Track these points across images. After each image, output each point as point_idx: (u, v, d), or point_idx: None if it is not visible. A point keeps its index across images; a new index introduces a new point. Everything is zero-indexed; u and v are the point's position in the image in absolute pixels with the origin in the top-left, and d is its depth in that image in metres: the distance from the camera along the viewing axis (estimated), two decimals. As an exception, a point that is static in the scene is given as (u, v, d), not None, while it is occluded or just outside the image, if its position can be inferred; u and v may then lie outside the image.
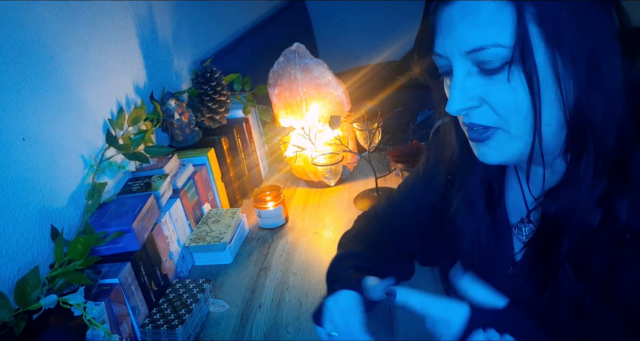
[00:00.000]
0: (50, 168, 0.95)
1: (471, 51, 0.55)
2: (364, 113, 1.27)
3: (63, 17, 1.01)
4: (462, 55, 0.56)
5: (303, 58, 1.36)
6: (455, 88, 0.57)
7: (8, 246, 0.85)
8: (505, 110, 0.56)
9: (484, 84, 0.56)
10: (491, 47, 0.54)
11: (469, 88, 0.57)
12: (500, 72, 0.55)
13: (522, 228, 0.71)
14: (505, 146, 0.59)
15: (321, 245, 1.21)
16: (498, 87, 0.56)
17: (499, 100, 0.56)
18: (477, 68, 0.56)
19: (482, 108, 0.58)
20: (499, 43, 0.53)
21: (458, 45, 0.56)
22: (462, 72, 0.57)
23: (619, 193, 0.56)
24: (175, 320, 0.95)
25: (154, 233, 1.04)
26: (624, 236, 0.56)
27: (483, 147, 0.61)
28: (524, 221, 0.70)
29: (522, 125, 0.57)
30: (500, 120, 0.57)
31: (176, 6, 1.49)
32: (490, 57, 0.54)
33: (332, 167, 1.32)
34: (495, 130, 0.58)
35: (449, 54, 0.57)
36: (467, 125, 0.60)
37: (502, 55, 0.54)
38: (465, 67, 0.57)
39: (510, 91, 0.55)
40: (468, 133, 0.62)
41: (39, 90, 0.94)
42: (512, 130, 0.58)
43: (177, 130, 1.30)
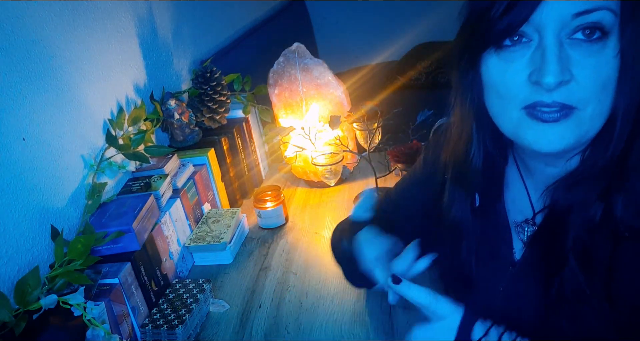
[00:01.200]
0: (50, 168, 0.95)
1: (581, 13, 0.51)
2: (364, 113, 1.27)
3: (63, 17, 1.01)
4: (563, 19, 0.52)
5: (303, 58, 1.36)
6: (553, 56, 0.52)
7: (8, 246, 0.85)
8: (594, 85, 0.53)
9: (577, 56, 0.53)
10: (601, 10, 0.51)
11: (564, 59, 0.53)
12: (596, 42, 0.52)
13: (525, 228, 0.70)
14: (578, 128, 0.55)
15: (321, 245, 1.21)
16: (591, 59, 0.53)
17: (589, 74, 0.53)
18: (568, 40, 0.53)
19: (570, 84, 0.54)
20: (609, 6, 0.51)
21: (566, 7, 0.52)
22: (555, 40, 0.53)
23: (615, 188, 0.56)
24: (175, 320, 0.95)
25: (154, 233, 1.04)
26: (623, 233, 0.56)
27: (551, 130, 0.55)
28: (528, 222, 0.70)
29: (602, 105, 0.54)
30: (582, 98, 0.54)
31: (176, 6, 1.49)
32: (597, 19, 0.51)
33: (332, 167, 1.32)
34: (575, 111, 0.54)
35: (547, 19, 0.52)
36: (544, 103, 0.55)
37: (608, 20, 0.51)
38: (559, 36, 0.53)
39: (605, 64, 0.52)
40: (538, 115, 0.56)
41: (39, 90, 0.94)
42: (590, 111, 0.54)
43: (177, 130, 1.30)
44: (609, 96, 0.54)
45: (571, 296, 0.60)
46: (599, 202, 0.57)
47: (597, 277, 0.58)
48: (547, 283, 0.63)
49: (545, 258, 0.64)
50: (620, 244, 0.57)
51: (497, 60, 0.57)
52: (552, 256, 0.62)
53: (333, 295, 1.03)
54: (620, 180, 0.56)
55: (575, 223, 0.59)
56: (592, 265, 0.59)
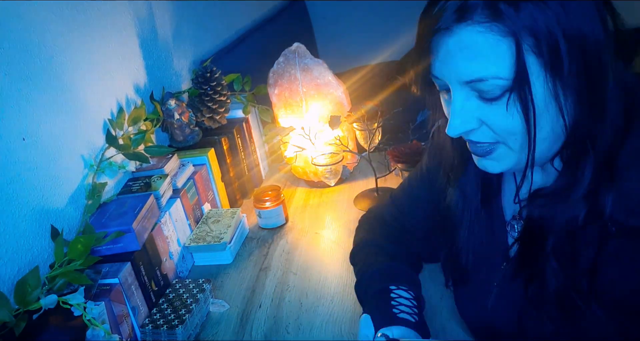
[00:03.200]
0: (50, 168, 0.95)
1: (470, 81, 0.56)
2: (364, 113, 1.27)
3: (63, 17, 1.01)
4: (460, 83, 0.57)
5: (303, 58, 1.36)
6: (454, 112, 0.58)
7: (8, 246, 0.85)
8: (503, 131, 0.58)
9: (483, 107, 0.57)
10: (490, 79, 0.54)
11: (468, 111, 0.58)
12: (499, 99, 0.56)
13: (515, 225, 0.71)
14: (505, 159, 0.61)
15: (321, 245, 1.21)
16: (496, 111, 0.57)
17: (497, 123, 0.58)
18: (476, 93, 0.57)
19: (481, 128, 0.59)
20: (498, 75, 0.54)
21: (456, 75, 0.56)
22: (460, 97, 0.58)
23: (605, 188, 0.57)
24: (175, 320, 0.95)
25: (154, 233, 1.04)
26: (610, 230, 0.56)
27: (484, 160, 0.63)
28: (516, 218, 0.71)
29: (520, 141, 0.58)
30: (499, 138, 0.59)
31: (176, 6, 1.49)
32: (489, 87, 0.55)
33: (332, 167, 1.32)
34: (496, 144, 0.60)
35: (447, 79, 0.58)
36: (468, 141, 0.62)
37: (502, 86, 0.54)
38: (464, 92, 0.57)
39: (509, 116, 0.56)
40: (470, 147, 0.63)
41: (39, 90, 0.94)
42: (512, 146, 0.59)
43: (177, 130, 1.30)
44: (524, 134, 0.57)
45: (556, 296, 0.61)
46: (583, 203, 0.58)
47: (581, 276, 0.59)
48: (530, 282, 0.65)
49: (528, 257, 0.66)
50: (607, 242, 0.57)
51: (443, 98, 0.64)
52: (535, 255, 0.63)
53: (333, 295, 1.03)
54: (609, 180, 0.57)
55: (556, 226, 0.61)
56: (575, 264, 0.60)
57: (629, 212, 0.56)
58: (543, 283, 0.62)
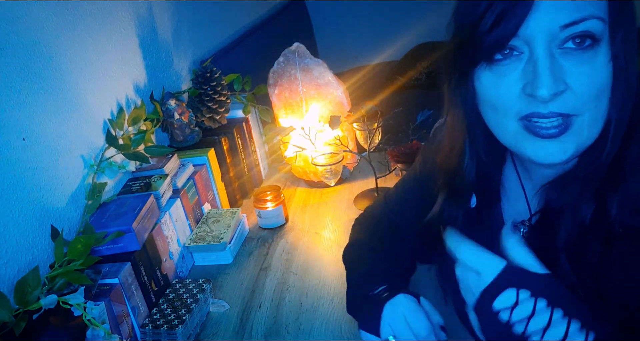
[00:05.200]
0: (50, 168, 0.95)
1: (569, 24, 0.51)
2: (364, 113, 1.27)
3: (63, 17, 1.02)
4: (551, 32, 0.52)
5: (303, 58, 1.36)
6: (545, 69, 0.52)
7: (8, 246, 0.85)
8: (589, 92, 0.53)
9: (569, 65, 0.53)
10: (590, 19, 0.51)
11: (557, 70, 0.53)
12: (587, 50, 0.52)
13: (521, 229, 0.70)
14: (580, 136, 0.55)
15: (321, 245, 1.21)
16: (584, 67, 0.53)
17: (584, 82, 0.53)
18: (559, 50, 0.53)
19: (565, 94, 0.54)
20: (598, 15, 0.51)
21: (554, 19, 0.52)
22: (546, 52, 0.53)
23: (611, 187, 0.56)
24: (175, 320, 0.95)
25: (154, 233, 1.04)
26: (616, 230, 0.56)
27: (551, 144, 0.56)
28: (524, 223, 0.70)
29: (598, 111, 0.54)
30: (579, 106, 0.54)
31: (176, 6, 1.49)
32: (586, 29, 0.51)
33: (332, 167, 1.32)
34: (573, 118, 0.54)
35: (537, 31, 0.52)
36: (541, 115, 0.55)
37: (598, 29, 0.51)
38: (549, 47, 0.53)
39: (598, 71, 0.53)
40: (536, 130, 0.56)
41: (39, 90, 0.94)
42: (587, 118, 0.54)
43: (177, 130, 1.30)
44: (605, 102, 0.54)
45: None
46: (590, 203, 0.57)
47: (589, 277, 0.58)
48: None
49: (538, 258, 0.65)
50: (613, 243, 0.57)
51: (489, 74, 0.57)
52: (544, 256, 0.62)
53: (333, 295, 1.03)
54: (615, 181, 0.56)
55: (567, 224, 0.59)
56: (583, 264, 0.59)
57: (634, 213, 0.55)
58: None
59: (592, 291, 0.58)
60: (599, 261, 0.58)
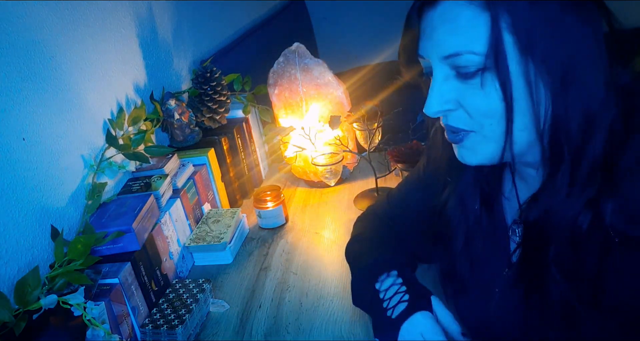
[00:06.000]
0: (51, 169, 0.95)
1: (448, 56, 0.57)
2: (364, 113, 1.27)
3: (63, 17, 1.02)
4: (440, 59, 0.58)
5: (303, 58, 1.36)
6: (433, 90, 0.59)
7: (8, 246, 0.85)
8: (478, 114, 0.58)
9: (461, 88, 0.58)
10: (465, 54, 0.55)
11: (446, 91, 0.59)
12: (474, 77, 0.56)
13: (516, 229, 0.70)
14: (479, 148, 0.61)
15: (321, 245, 1.21)
16: (472, 91, 0.57)
17: (473, 104, 0.58)
18: (454, 72, 0.58)
19: (458, 111, 0.59)
20: (472, 50, 0.55)
21: (437, 50, 0.58)
22: (440, 76, 0.59)
23: (605, 195, 0.56)
24: (175, 320, 0.95)
25: (154, 233, 1.04)
26: (613, 240, 0.55)
27: (459, 148, 0.63)
28: (516, 222, 0.70)
29: (495, 128, 0.58)
30: (474, 124, 0.59)
31: (176, 6, 1.49)
32: (465, 62, 0.56)
33: (332, 167, 1.32)
34: (467, 133, 0.60)
35: (430, 57, 0.59)
36: (445, 126, 0.63)
37: (476, 62, 0.55)
38: (444, 71, 0.58)
39: (484, 96, 0.56)
40: (447, 136, 0.64)
41: (39, 90, 0.94)
42: (486, 133, 0.59)
43: (177, 130, 1.30)
44: (500, 122, 0.57)
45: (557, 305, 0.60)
46: (587, 211, 0.57)
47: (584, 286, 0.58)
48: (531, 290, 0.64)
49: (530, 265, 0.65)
50: (610, 251, 0.56)
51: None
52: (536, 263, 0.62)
53: (333, 295, 1.03)
54: (609, 186, 0.56)
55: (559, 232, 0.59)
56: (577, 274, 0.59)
57: (629, 221, 0.54)
58: (545, 291, 0.61)
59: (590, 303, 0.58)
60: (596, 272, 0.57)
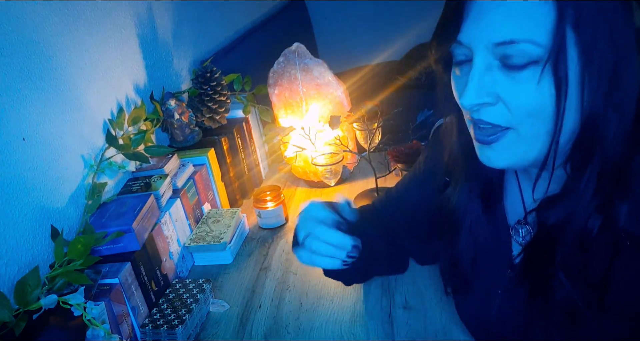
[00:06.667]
0: (50, 168, 0.95)
1: (501, 43, 0.51)
2: (364, 113, 1.27)
3: (63, 17, 1.01)
4: (487, 46, 0.53)
5: (303, 58, 1.36)
6: (473, 80, 0.54)
7: (8, 246, 0.85)
8: (522, 110, 0.53)
9: (504, 80, 0.53)
10: (523, 42, 0.50)
11: (488, 82, 0.54)
12: (523, 70, 0.52)
13: (519, 230, 0.70)
14: (514, 148, 0.57)
15: (321, 245, 1.21)
16: (519, 86, 0.53)
17: (518, 100, 0.53)
18: (499, 62, 0.53)
19: (496, 106, 0.55)
20: (533, 39, 0.50)
21: (487, 35, 0.52)
22: (483, 64, 0.54)
23: (619, 198, 0.55)
24: (175, 320, 0.95)
25: (154, 233, 1.04)
26: (624, 243, 0.55)
27: (489, 150, 0.58)
28: (520, 222, 0.70)
29: (536, 128, 0.54)
30: (513, 120, 0.55)
31: (176, 6, 1.49)
32: (519, 52, 0.51)
33: (332, 167, 1.32)
34: (505, 131, 0.56)
35: (473, 43, 0.54)
36: (476, 121, 0.57)
37: (533, 54, 0.51)
38: (488, 59, 0.53)
39: (535, 92, 0.52)
40: (475, 134, 0.59)
41: (39, 90, 0.94)
42: (523, 132, 0.55)
43: (177, 130, 1.30)
44: (547, 122, 0.54)
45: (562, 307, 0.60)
46: (597, 215, 0.56)
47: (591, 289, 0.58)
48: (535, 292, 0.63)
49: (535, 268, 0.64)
50: (620, 254, 0.56)
51: (455, 74, 0.60)
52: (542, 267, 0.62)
53: (333, 295, 1.03)
54: (624, 190, 0.55)
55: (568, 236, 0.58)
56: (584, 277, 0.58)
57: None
58: (549, 293, 0.61)
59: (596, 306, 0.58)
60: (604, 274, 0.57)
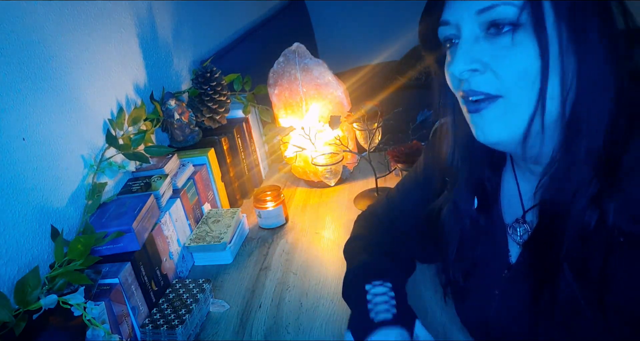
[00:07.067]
0: (50, 168, 0.95)
1: (483, 9, 0.55)
2: (364, 113, 1.27)
3: (63, 17, 1.02)
4: (471, 16, 0.56)
5: (303, 58, 1.36)
6: (461, 49, 0.57)
7: (8, 246, 0.85)
8: (510, 75, 0.56)
9: (491, 49, 0.56)
10: (501, 5, 0.54)
11: (476, 51, 0.57)
12: (506, 35, 0.55)
13: (517, 229, 0.70)
14: (505, 116, 0.58)
15: (321, 245, 1.21)
16: (504, 51, 0.55)
17: (505, 65, 0.56)
18: (484, 33, 0.56)
19: (485, 74, 0.57)
20: (509, 2, 0.54)
21: (469, 5, 0.56)
22: (469, 35, 0.57)
23: (607, 195, 0.55)
24: (175, 320, 0.95)
25: (154, 233, 1.04)
26: (617, 239, 0.55)
27: (481, 121, 0.59)
28: (519, 221, 0.70)
29: (525, 92, 0.56)
30: (502, 87, 0.57)
31: (176, 6, 1.49)
32: (499, 14, 0.54)
33: (332, 167, 1.32)
34: (494, 99, 0.57)
35: (459, 16, 0.57)
36: (466, 92, 0.59)
37: (511, 14, 0.54)
38: (474, 30, 0.57)
39: (518, 55, 0.55)
40: (466, 106, 0.61)
41: (39, 90, 0.94)
42: (514, 98, 0.57)
43: (177, 130, 1.30)
44: (533, 85, 0.55)
45: (564, 305, 0.60)
46: (594, 208, 0.56)
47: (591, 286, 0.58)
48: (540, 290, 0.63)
49: (538, 265, 0.64)
50: (614, 251, 0.56)
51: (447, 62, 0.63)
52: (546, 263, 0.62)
53: (333, 295, 1.03)
54: (612, 187, 0.55)
55: (570, 230, 0.58)
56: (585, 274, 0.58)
57: (633, 220, 0.54)
58: (554, 291, 0.60)
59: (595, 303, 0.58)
60: (601, 271, 0.57)
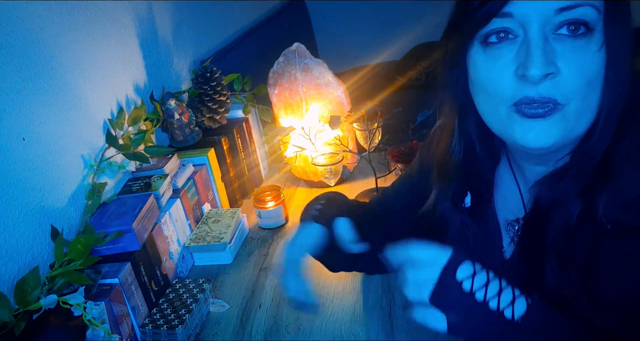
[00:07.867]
0: (50, 168, 0.95)
1: (564, 8, 0.51)
2: (364, 113, 1.27)
3: (63, 17, 1.02)
4: (547, 13, 0.52)
5: (303, 58, 1.36)
6: (538, 50, 0.52)
7: (8, 246, 0.85)
8: (581, 80, 0.53)
9: (560, 51, 0.53)
10: (584, 6, 0.51)
11: (549, 52, 0.53)
12: (581, 37, 0.52)
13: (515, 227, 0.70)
14: (564, 124, 0.55)
15: (321, 245, 1.21)
16: (579, 54, 0.53)
17: (579, 68, 0.53)
18: (552, 33, 0.53)
19: (556, 78, 0.54)
20: (591, 3, 0.52)
21: (549, 2, 0.52)
22: (539, 34, 0.53)
23: (600, 183, 0.55)
24: (175, 320, 0.95)
25: (154, 233, 1.04)
26: (605, 227, 0.55)
27: (538, 126, 0.55)
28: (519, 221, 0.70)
29: (587, 101, 0.54)
30: (568, 94, 0.54)
31: (176, 6, 1.49)
32: (580, 16, 0.52)
33: (332, 167, 1.32)
34: (561, 106, 0.54)
35: (530, 11, 0.53)
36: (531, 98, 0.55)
37: (592, 16, 0.52)
38: (544, 30, 0.53)
39: (595, 59, 0.53)
40: (525, 110, 0.55)
41: (39, 90, 0.94)
42: (574, 107, 0.54)
43: (177, 130, 1.30)
44: (595, 93, 0.54)
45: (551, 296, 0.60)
46: (578, 201, 0.57)
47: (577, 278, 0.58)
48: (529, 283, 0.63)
49: (528, 258, 0.64)
50: (601, 241, 0.56)
51: (484, 57, 0.57)
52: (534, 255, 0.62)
53: (333, 295, 1.03)
54: (605, 176, 0.55)
55: (555, 222, 0.59)
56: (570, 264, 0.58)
57: (622, 209, 0.54)
58: (542, 282, 0.61)
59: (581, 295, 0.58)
60: (587, 260, 0.57)
